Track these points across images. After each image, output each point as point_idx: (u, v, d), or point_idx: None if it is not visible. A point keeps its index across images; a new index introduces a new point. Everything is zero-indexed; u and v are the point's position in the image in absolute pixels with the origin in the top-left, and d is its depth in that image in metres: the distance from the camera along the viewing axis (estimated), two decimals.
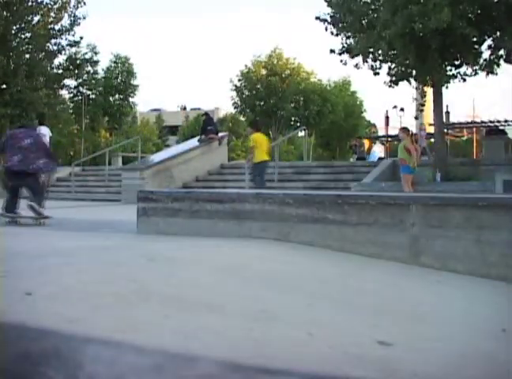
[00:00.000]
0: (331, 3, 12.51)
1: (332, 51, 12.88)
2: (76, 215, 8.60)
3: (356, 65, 13.01)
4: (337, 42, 12.83)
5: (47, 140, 18.87)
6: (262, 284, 2.73)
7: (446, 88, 12.50)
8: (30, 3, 17.10)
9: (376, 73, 12.80)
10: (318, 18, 12.78)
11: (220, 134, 16.33)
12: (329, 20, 12.70)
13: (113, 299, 2.14)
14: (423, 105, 13.81)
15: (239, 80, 30.83)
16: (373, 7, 12.01)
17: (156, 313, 1.99)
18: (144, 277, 2.65)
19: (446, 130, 17.49)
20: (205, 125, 15.74)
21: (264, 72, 30.85)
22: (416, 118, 16.88)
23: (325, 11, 12.80)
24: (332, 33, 12.71)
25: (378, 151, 26.79)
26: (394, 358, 1.78)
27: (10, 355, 0.62)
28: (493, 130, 21.53)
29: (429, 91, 13.24)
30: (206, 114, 16.92)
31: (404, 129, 11.60)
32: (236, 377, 0.60)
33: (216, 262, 3.18)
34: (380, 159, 21.63)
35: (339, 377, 1.49)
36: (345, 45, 12.74)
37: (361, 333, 2.03)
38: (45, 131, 17.82)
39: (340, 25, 12.57)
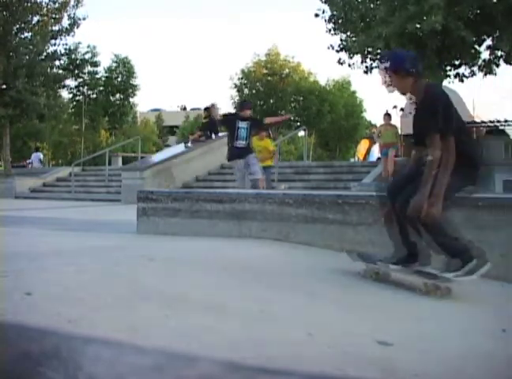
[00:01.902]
0: (331, 2, 12.53)
1: (331, 47, 12.88)
2: (76, 216, 8.59)
3: (353, 65, 13.02)
4: (336, 40, 12.81)
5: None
6: (262, 284, 2.73)
7: (449, 82, 12.54)
8: (29, 4, 17.11)
9: (371, 71, 12.84)
10: (317, 15, 12.81)
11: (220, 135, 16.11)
12: (327, 17, 12.73)
13: (113, 299, 2.14)
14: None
15: (239, 79, 30.82)
16: (372, 6, 12.04)
17: (156, 313, 1.99)
18: (144, 277, 2.65)
19: None
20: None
21: (264, 70, 30.86)
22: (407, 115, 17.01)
23: (324, 8, 12.84)
24: (330, 30, 12.73)
25: (377, 151, 26.77)
26: (394, 358, 1.78)
27: (10, 355, 0.62)
28: (493, 130, 21.51)
29: None
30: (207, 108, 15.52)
31: (389, 116, 11.95)
32: (236, 377, 0.60)
33: (216, 262, 3.18)
34: (379, 159, 21.59)
35: (339, 377, 1.49)
36: (344, 43, 12.76)
37: (361, 333, 2.03)
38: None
39: (340, 22, 12.60)
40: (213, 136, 15.10)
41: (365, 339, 1.94)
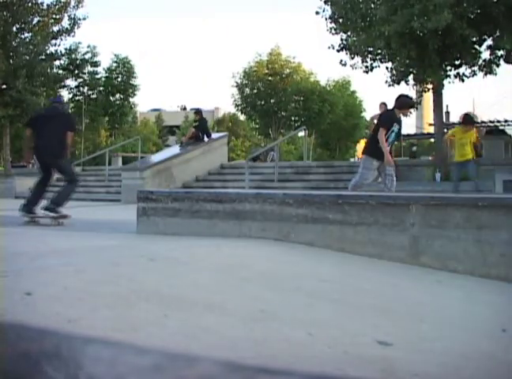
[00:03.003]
0: (332, 1, 12.53)
1: (331, 47, 12.89)
2: (76, 215, 8.58)
3: (354, 66, 13.02)
4: (337, 40, 12.83)
5: None
6: (262, 284, 2.72)
7: (449, 82, 12.54)
8: (30, 4, 17.11)
9: (372, 70, 12.85)
10: (317, 13, 12.81)
11: (215, 135, 16.01)
12: (328, 16, 12.74)
13: (113, 299, 2.14)
14: (417, 103, 13.83)
15: (240, 78, 30.80)
16: (373, 6, 12.05)
17: (156, 313, 1.99)
18: (144, 277, 2.65)
19: (445, 130, 17.51)
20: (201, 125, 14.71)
21: (266, 70, 30.84)
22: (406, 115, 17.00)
23: (325, 8, 12.86)
24: (331, 30, 12.74)
25: None
26: (394, 358, 1.78)
27: (10, 355, 0.62)
28: (493, 130, 21.54)
29: (430, 91, 13.27)
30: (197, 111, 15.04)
31: (386, 105, 11.89)
32: (236, 377, 0.60)
33: (216, 262, 3.18)
34: None
35: (339, 377, 1.49)
36: (344, 42, 12.76)
37: (361, 333, 2.03)
38: None
39: (341, 21, 12.60)
40: (205, 138, 14.92)
41: (365, 338, 1.94)
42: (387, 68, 12.93)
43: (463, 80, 12.53)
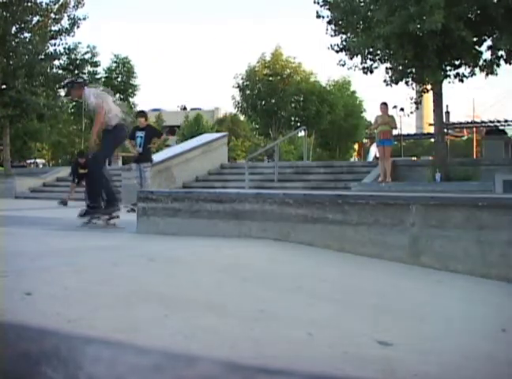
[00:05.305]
0: (332, 5, 12.53)
1: (331, 48, 12.90)
2: (76, 215, 8.57)
3: (355, 67, 13.02)
4: (336, 41, 12.84)
5: None
6: (262, 284, 2.72)
7: (449, 82, 12.53)
8: (29, 3, 17.09)
9: (371, 72, 12.86)
10: (318, 16, 12.80)
11: (215, 135, 15.91)
12: (327, 21, 12.74)
13: (113, 299, 2.14)
14: (417, 103, 13.81)
15: (242, 79, 30.79)
16: (372, 7, 12.05)
17: (156, 313, 1.99)
18: (144, 277, 2.65)
19: (446, 130, 17.51)
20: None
21: (266, 71, 30.82)
22: (407, 115, 17.02)
23: (325, 13, 12.86)
24: (331, 34, 12.76)
25: (375, 150, 26.83)
26: (394, 358, 1.78)
27: (10, 355, 0.62)
28: (493, 130, 21.55)
29: (429, 92, 13.26)
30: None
31: (386, 105, 11.98)
32: (236, 377, 0.60)
33: (216, 262, 3.18)
34: (377, 158, 21.65)
35: (339, 377, 1.49)
36: (344, 43, 12.76)
37: (361, 333, 2.03)
38: None
39: (341, 23, 12.60)
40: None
41: (365, 338, 1.94)
42: (386, 68, 12.92)
43: (462, 81, 12.52)
